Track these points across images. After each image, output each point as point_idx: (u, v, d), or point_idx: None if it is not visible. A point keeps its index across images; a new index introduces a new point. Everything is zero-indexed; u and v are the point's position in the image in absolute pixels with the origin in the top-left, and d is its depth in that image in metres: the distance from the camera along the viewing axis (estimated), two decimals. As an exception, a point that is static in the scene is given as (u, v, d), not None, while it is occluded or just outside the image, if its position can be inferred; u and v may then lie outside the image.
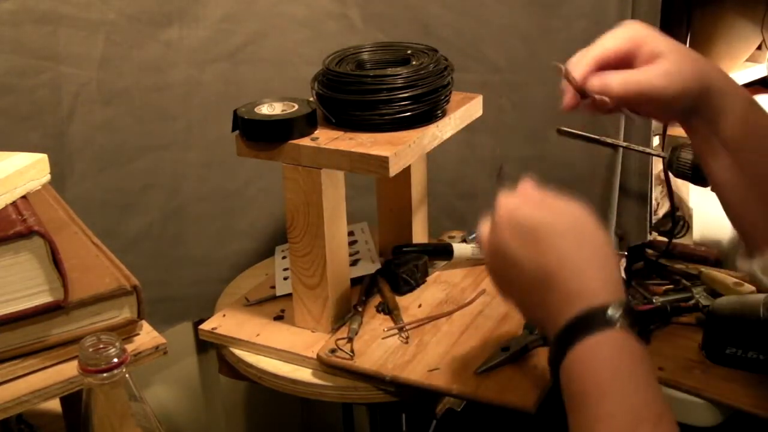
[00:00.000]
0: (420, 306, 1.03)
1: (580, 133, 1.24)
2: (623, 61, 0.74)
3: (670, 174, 1.21)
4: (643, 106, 0.77)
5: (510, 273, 0.68)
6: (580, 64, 0.76)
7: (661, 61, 0.73)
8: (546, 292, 0.65)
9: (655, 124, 1.30)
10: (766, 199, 0.76)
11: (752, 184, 0.76)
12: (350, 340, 0.95)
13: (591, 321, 0.62)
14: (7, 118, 1.01)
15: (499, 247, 0.68)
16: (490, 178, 1.29)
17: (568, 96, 0.78)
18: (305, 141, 0.91)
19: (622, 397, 0.59)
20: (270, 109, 0.95)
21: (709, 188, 1.14)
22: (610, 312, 0.62)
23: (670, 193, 1.37)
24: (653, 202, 1.35)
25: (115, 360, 0.63)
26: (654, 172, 1.32)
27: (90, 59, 1.06)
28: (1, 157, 0.79)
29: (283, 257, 1.15)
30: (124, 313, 0.75)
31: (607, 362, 0.61)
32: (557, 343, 0.63)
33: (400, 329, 0.97)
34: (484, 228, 0.72)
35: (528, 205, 0.69)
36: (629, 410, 0.59)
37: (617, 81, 0.73)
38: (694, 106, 0.75)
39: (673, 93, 0.73)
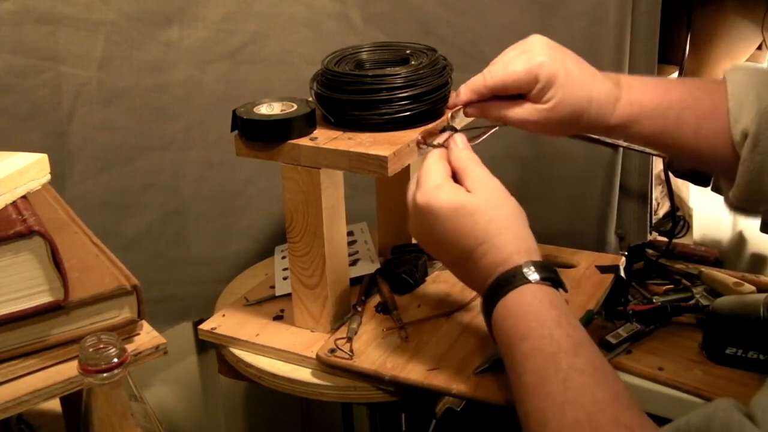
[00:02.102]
0: (419, 306, 1.03)
1: (579, 133, 1.24)
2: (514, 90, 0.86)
3: (671, 174, 1.21)
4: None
5: (437, 249, 0.81)
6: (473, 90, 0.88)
7: (547, 105, 0.85)
8: (470, 266, 0.77)
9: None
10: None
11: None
12: (350, 339, 0.95)
13: (508, 281, 0.73)
14: (7, 118, 1.01)
15: (422, 229, 0.80)
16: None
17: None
18: (304, 141, 0.91)
19: (541, 334, 0.69)
20: (269, 109, 0.95)
21: (709, 188, 1.14)
22: (523, 270, 0.73)
23: (671, 193, 1.37)
24: (653, 202, 1.35)
25: (115, 360, 0.64)
26: (654, 172, 1.32)
27: (90, 59, 1.06)
28: (1, 157, 0.79)
29: (283, 257, 1.15)
30: (124, 313, 0.75)
31: (525, 309, 0.72)
32: (485, 304, 0.75)
33: (400, 329, 0.97)
34: (409, 192, 0.81)
35: (446, 187, 0.78)
36: (549, 343, 0.68)
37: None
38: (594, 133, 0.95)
39: (558, 131, 0.89)
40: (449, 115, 0.90)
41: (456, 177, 0.80)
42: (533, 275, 0.73)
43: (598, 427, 0.62)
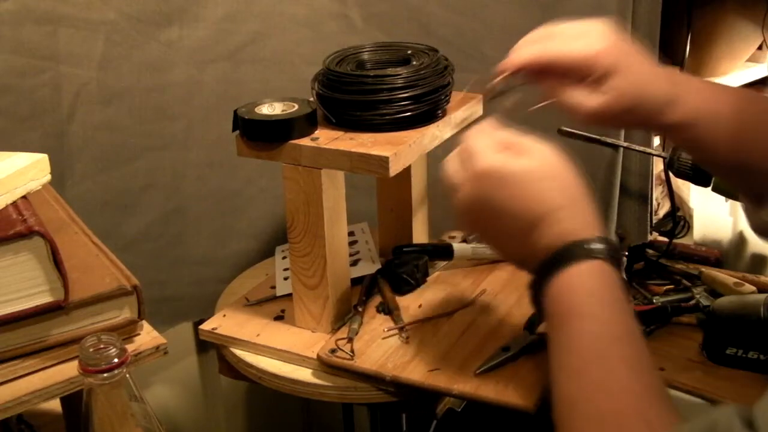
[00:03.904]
0: (420, 306, 1.03)
1: (580, 132, 1.24)
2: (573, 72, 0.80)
3: (671, 174, 1.21)
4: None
5: (492, 222, 0.72)
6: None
7: (605, 96, 0.78)
8: (532, 236, 0.70)
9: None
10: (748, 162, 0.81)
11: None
12: (350, 340, 0.95)
13: (573, 252, 0.67)
14: (7, 118, 1.01)
15: (480, 200, 0.71)
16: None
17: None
18: (305, 141, 0.91)
19: (597, 317, 0.65)
20: (270, 109, 0.95)
21: (709, 188, 1.14)
22: (591, 245, 0.67)
23: (671, 193, 1.37)
24: (654, 202, 1.35)
25: (116, 360, 0.64)
26: (654, 172, 1.32)
27: (90, 59, 1.06)
28: (1, 157, 0.79)
29: (284, 257, 1.15)
30: (125, 313, 0.75)
31: (585, 286, 0.66)
32: (541, 272, 0.69)
33: (401, 329, 0.97)
34: (453, 166, 0.74)
35: (507, 154, 0.71)
36: (604, 328, 0.64)
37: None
38: (641, 128, 0.86)
39: (610, 124, 0.87)
40: (500, 78, 0.84)
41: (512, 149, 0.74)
42: (602, 252, 0.67)
43: (625, 423, 0.60)
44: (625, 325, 0.65)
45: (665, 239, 1.39)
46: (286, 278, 1.09)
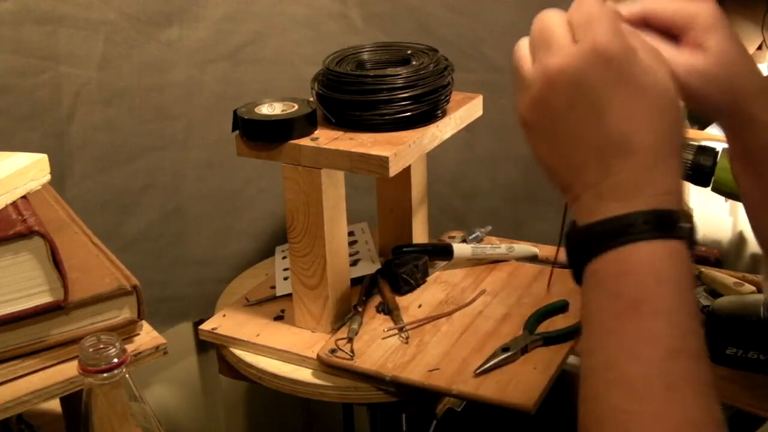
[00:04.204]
0: (420, 306, 1.03)
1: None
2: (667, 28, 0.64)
3: (671, 174, 1.21)
4: None
5: (580, 116, 0.54)
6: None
7: (704, 55, 0.63)
8: (620, 164, 0.53)
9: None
10: None
11: None
12: (350, 340, 0.95)
13: (663, 222, 0.52)
14: (7, 118, 1.01)
15: (582, 80, 0.54)
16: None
17: None
18: (305, 141, 0.91)
19: (673, 321, 0.52)
20: (270, 109, 0.95)
21: (709, 188, 1.14)
22: (680, 219, 0.53)
23: (671, 193, 1.36)
24: (653, 202, 1.35)
25: (115, 360, 0.63)
26: (654, 172, 1.32)
27: (90, 59, 1.06)
28: (1, 157, 0.79)
29: (283, 257, 1.15)
30: (124, 313, 0.75)
31: (668, 275, 0.52)
32: (613, 229, 0.53)
33: (400, 329, 0.97)
34: (559, 28, 0.58)
35: (635, 52, 0.54)
36: (677, 334, 0.51)
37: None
38: (724, 111, 0.66)
39: (700, 97, 0.64)
40: None
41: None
42: (687, 232, 0.53)
43: None
44: (698, 336, 0.52)
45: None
46: (286, 278, 1.09)
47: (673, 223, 0.53)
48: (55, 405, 0.84)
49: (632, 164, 0.53)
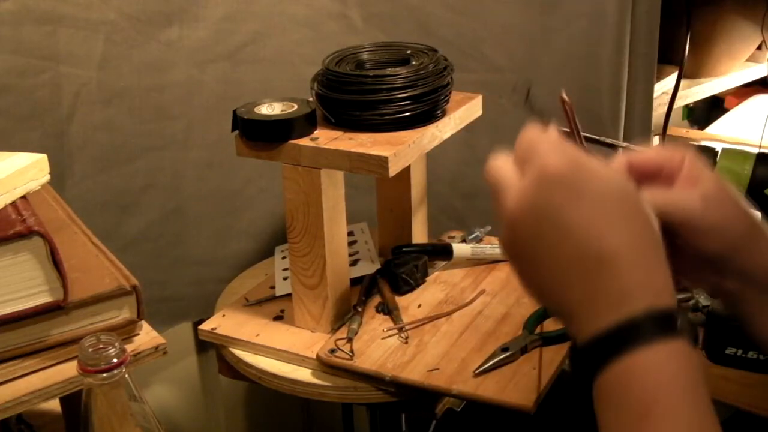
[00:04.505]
0: (420, 306, 1.03)
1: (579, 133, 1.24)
2: (657, 174, 0.64)
3: (670, 174, 1.21)
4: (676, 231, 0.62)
5: (549, 240, 0.54)
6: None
7: (701, 185, 0.62)
8: (600, 275, 0.53)
9: (655, 123, 1.30)
10: None
11: None
12: (350, 340, 0.95)
13: (662, 323, 0.51)
14: (7, 118, 1.01)
15: (543, 207, 0.54)
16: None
17: None
18: (305, 141, 0.91)
19: (687, 422, 0.50)
20: (270, 109, 0.95)
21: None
22: (676, 316, 0.52)
23: (670, 193, 1.36)
24: (653, 202, 1.35)
25: (115, 360, 0.63)
26: (654, 173, 1.32)
27: (90, 59, 1.06)
28: (1, 157, 0.79)
29: (283, 257, 1.15)
30: (124, 313, 0.75)
31: (678, 376, 0.51)
32: (612, 340, 0.51)
33: (400, 329, 0.97)
34: (505, 164, 0.59)
35: (583, 166, 0.55)
36: None
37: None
38: (733, 247, 0.62)
39: (710, 222, 0.61)
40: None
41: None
42: (685, 327, 0.53)
43: None
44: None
45: (665, 239, 1.39)
46: (285, 278, 1.09)
47: (669, 321, 0.52)
48: (54, 405, 0.84)
49: (613, 272, 0.53)
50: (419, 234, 1.13)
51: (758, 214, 0.64)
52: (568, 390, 0.58)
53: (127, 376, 0.65)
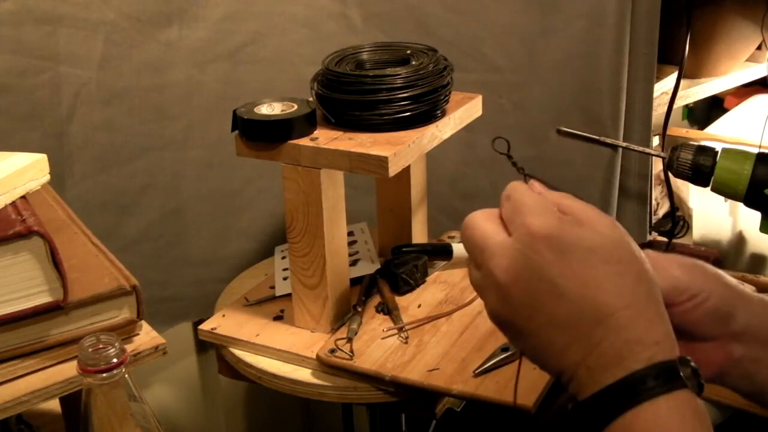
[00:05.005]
0: (419, 306, 1.03)
1: (580, 133, 1.24)
2: None
3: (670, 174, 1.21)
4: None
5: (541, 305, 0.53)
6: None
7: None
8: (596, 335, 0.52)
9: (655, 123, 1.30)
10: None
11: None
12: (350, 340, 0.95)
13: (663, 376, 0.50)
14: (7, 118, 1.01)
15: (532, 270, 0.53)
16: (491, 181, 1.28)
17: None
18: (305, 141, 0.91)
19: None
20: (269, 109, 0.95)
21: (709, 188, 1.14)
22: (679, 368, 0.51)
23: (670, 193, 1.37)
24: (653, 202, 1.35)
25: (115, 360, 0.64)
26: (654, 172, 1.32)
27: (90, 59, 1.06)
28: (1, 157, 0.79)
29: (283, 257, 1.15)
30: (124, 313, 0.75)
31: (683, 429, 0.50)
32: (612, 398, 0.51)
33: (400, 329, 0.97)
34: (488, 225, 0.57)
35: (570, 221, 0.54)
36: None
37: None
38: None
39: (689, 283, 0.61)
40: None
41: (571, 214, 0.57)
42: (689, 378, 0.51)
43: None
44: None
45: (665, 239, 1.39)
46: (285, 278, 1.09)
47: (671, 373, 0.51)
48: (54, 405, 0.84)
49: (611, 328, 0.52)
50: (419, 234, 1.13)
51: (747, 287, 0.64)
52: (568, 390, 0.58)
53: (126, 376, 0.65)
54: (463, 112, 1.01)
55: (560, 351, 0.53)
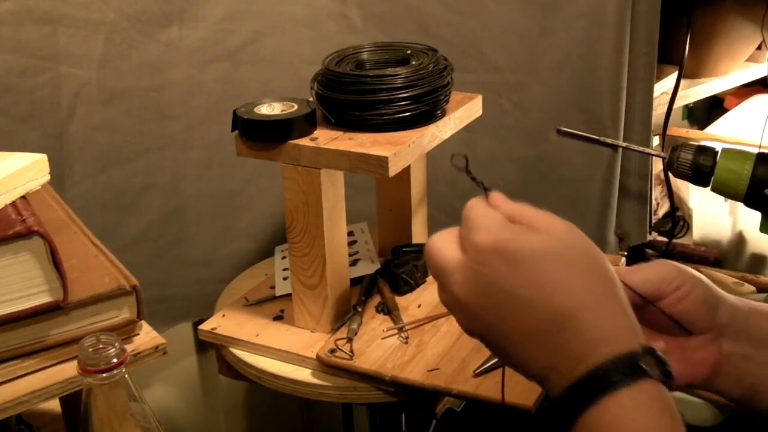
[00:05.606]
0: (419, 306, 1.03)
1: (580, 133, 1.24)
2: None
3: (670, 174, 1.21)
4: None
5: (503, 317, 0.54)
6: None
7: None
8: (559, 339, 0.53)
9: (655, 123, 1.31)
10: None
11: None
12: (350, 340, 0.95)
13: (624, 369, 0.51)
14: (7, 118, 1.01)
15: (486, 287, 0.54)
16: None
17: None
18: (305, 141, 0.91)
19: None
20: (270, 109, 0.95)
21: (709, 188, 1.14)
22: (641, 359, 0.52)
23: (670, 193, 1.37)
24: (653, 202, 1.35)
25: (115, 360, 0.63)
26: (654, 172, 1.32)
27: (90, 59, 1.06)
28: (1, 157, 0.79)
29: (283, 257, 1.15)
30: (124, 313, 0.75)
31: (649, 420, 0.50)
32: (577, 395, 0.52)
33: (400, 329, 0.97)
34: (444, 245, 0.58)
35: (520, 229, 0.56)
36: None
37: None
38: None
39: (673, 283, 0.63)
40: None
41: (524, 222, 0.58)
42: (655, 368, 0.52)
43: None
44: None
45: (665, 239, 1.39)
46: (285, 278, 1.09)
47: (632, 365, 0.51)
48: (54, 405, 0.84)
49: (572, 331, 0.52)
50: (419, 234, 1.13)
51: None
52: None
53: (126, 376, 0.65)
54: (463, 112, 1.01)
55: (531, 358, 0.55)
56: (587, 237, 0.56)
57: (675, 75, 1.33)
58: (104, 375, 0.63)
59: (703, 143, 1.18)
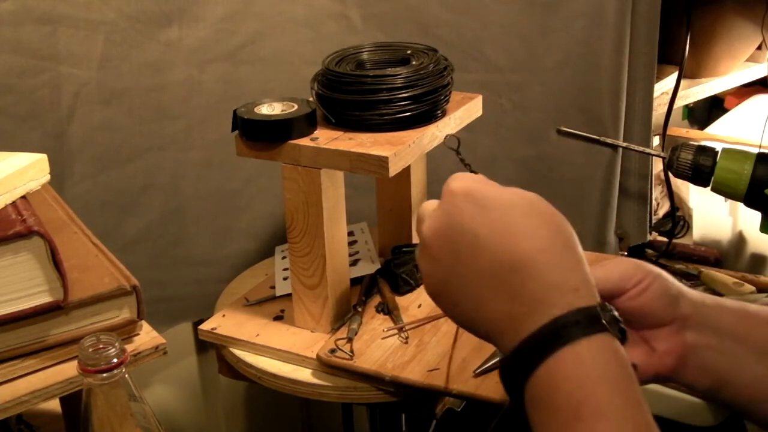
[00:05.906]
0: (420, 306, 1.03)
1: (580, 133, 1.24)
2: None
3: (670, 174, 1.21)
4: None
5: (463, 257, 0.56)
6: None
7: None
8: (516, 282, 0.53)
9: (655, 123, 1.31)
10: None
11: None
12: (350, 340, 0.95)
13: (584, 321, 0.51)
14: (7, 118, 1.01)
15: (453, 225, 0.56)
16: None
17: None
18: (305, 141, 0.91)
19: (621, 416, 0.50)
20: (270, 109, 0.95)
21: (709, 188, 1.14)
22: (598, 311, 0.52)
23: (670, 193, 1.37)
24: (653, 202, 1.36)
25: (115, 360, 0.64)
26: (654, 172, 1.32)
27: (90, 59, 1.06)
28: (1, 157, 0.79)
29: (283, 257, 1.15)
30: (124, 313, 0.75)
31: (605, 371, 0.51)
32: (535, 346, 0.52)
33: (400, 329, 0.97)
34: (429, 207, 0.61)
35: (494, 184, 0.58)
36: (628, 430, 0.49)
37: None
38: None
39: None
40: None
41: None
42: (612, 323, 0.52)
43: None
44: (648, 429, 0.50)
45: (665, 239, 1.39)
46: (285, 278, 1.09)
47: (591, 318, 0.52)
48: (54, 405, 0.84)
49: (527, 277, 0.53)
50: (419, 234, 1.12)
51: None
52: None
53: (127, 376, 0.65)
54: (463, 112, 1.01)
55: (485, 303, 0.55)
56: (551, 206, 0.57)
57: (675, 75, 1.33)
58: (104, 375, 0.63)
59: (703, 143, 1.18)
